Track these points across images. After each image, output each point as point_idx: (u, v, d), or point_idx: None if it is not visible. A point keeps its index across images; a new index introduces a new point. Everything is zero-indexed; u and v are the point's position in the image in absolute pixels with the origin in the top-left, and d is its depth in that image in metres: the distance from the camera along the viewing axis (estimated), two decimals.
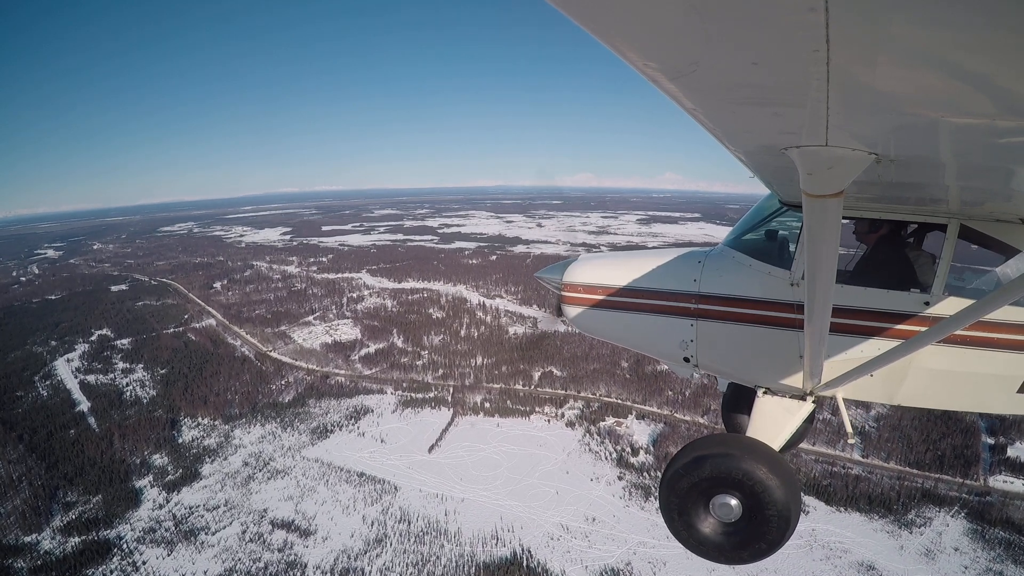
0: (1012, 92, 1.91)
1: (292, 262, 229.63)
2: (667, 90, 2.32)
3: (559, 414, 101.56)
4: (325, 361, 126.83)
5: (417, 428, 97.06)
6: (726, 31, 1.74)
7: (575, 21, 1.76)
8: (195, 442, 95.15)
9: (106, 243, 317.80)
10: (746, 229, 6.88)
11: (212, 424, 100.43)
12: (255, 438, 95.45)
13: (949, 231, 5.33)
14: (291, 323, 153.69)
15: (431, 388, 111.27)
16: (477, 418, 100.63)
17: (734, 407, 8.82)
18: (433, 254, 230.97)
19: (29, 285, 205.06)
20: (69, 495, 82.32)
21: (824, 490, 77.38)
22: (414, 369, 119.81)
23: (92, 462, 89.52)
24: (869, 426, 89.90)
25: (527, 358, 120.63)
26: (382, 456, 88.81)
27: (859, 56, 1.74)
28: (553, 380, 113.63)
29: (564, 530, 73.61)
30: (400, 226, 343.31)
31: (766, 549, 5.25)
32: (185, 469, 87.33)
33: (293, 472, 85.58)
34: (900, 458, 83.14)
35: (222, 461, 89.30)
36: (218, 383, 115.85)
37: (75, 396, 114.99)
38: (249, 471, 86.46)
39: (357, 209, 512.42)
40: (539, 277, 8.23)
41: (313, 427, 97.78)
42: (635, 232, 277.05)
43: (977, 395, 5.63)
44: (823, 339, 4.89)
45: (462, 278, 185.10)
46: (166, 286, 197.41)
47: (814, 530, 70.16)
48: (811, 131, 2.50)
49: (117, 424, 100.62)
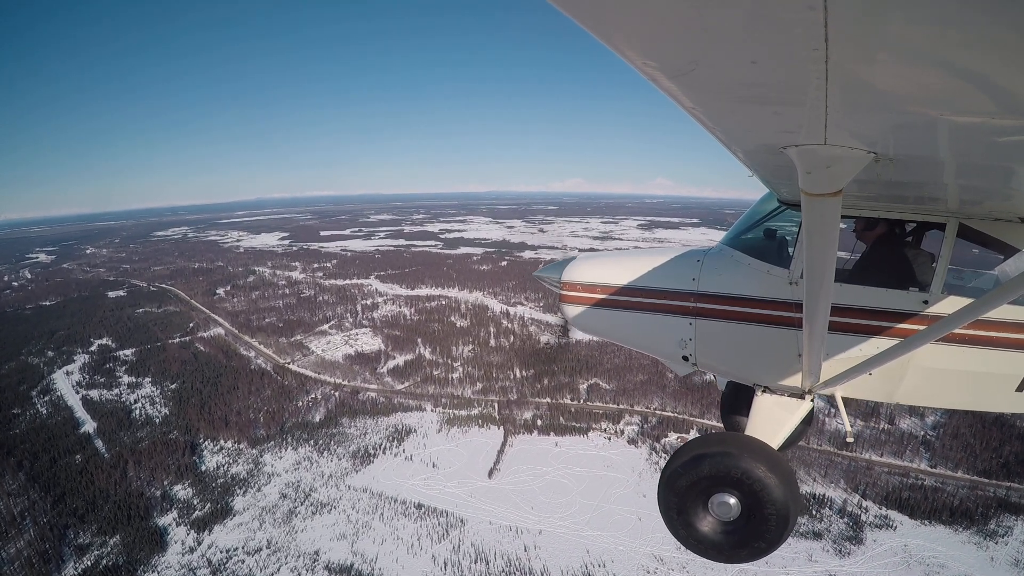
0: (1011, 91, 1.87)
1: (295, 268, 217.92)
2: (666, 89, 2.25)
3: (618, 430, 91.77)
4: (351, 374, 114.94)
5: (469, 450, 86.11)
6: (725, 30, 1.70)
7: (575, 20, 1.72)
8: (221, 470, 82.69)
9: (99, 247, 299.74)
10: (745, 228, 6.63)
11: (237, 448, 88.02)
12: (289, 464, 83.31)
13: (948, 230, 5.17)
14: (306, 332, 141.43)
15: (473, 404, 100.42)
16: (531, 437, 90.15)
17: (733, 406, 8.41)
18: (440, 260, 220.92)
19: (21, 290, 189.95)
20: (81, 536, 69.59)
21: (905, 503, 72.60)
22: (450, 383, 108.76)
23: (105, 495, 76.71)
24: (929, 435, 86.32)
25: (568, 369, 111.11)
26: (437, 483, 77.65)
27: (858, 54, 1.70)
28: (602, 393, 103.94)
29: (659, 561, 64.16)
30: (400, 231, 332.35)
31: (765, 548, 5.08)
32: (214, 503, 74.88)
33: (340, 505, 73.79)
34: (968, 467, 79.13)
35: (255, 492, 77.05)
36: (237, 400, 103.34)
37: (78, 414, 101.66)
38: (289, 504, 74.37)
39: (353, 214, 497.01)
40: (538, 276, 8.06)
41: (352, 450, 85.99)
42: (639, 237, 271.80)
43: (976, 394, 5.46)
44: (822, 338, 4.77)
45: (477, 284, 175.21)
46: (166, 292, 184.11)
47: (906, 546, 66.09)
48: (810, 130, 2.44)
49: (129, 448, 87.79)
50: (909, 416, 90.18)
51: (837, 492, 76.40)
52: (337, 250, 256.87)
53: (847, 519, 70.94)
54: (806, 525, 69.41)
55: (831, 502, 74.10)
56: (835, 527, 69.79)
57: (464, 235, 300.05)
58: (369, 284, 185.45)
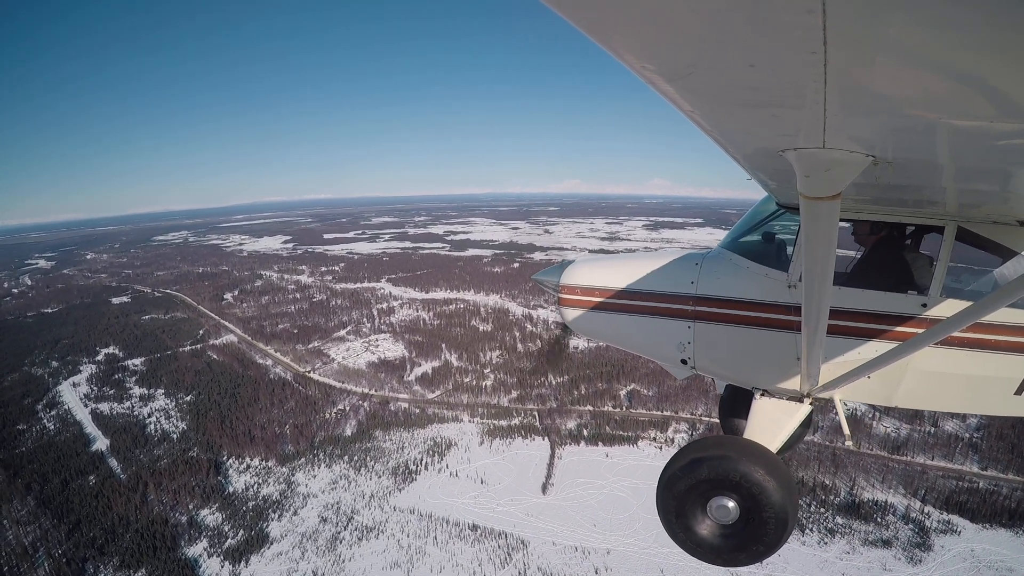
0: (1010, 94, 1.84)
1: (303, 271, 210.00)
2: (664, 92, 2.22)
3: (668, 439, 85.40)
4: (377, 383, 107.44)
5: (516, 463, 79.09)
6: (723, 33, 1.69)
7: (573, 24, 1.70)
8: (250, 491, 74.95)
9: (99, 253, 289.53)
10: (743, 231, 6.48)
11: (265, 466, 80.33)
12: (324, 484, 75.70)
13: (946, 233, 5.10)
14: (323, 339, 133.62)
15: (512, 413, 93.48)
16: (579, 448, 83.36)
17: (732, 409, 8.12)
18: (450, 262, 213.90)
19: (22, 297, 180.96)
20: (102, 570, 61.93)
21: (965, 507, 69.67)
22: (483, 391, 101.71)
23: (125, 522, 68.91)
24: (974, 437, 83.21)
25: (604, 375, 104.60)
26: (489, 501, 70.56)
27: (856, 58, 1.68)
28: (644, 400, 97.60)
29: None
30: (404, 233, 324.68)
31: (764, 551, 4.98)
32: (247, 529, 67.21)
33: (388, 528, 66.37)
34: (1017, 468, 76.23)
35: (292, 517, 69.43)
36: (258, 412, 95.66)
37: (88, 430, 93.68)
38: (331, 529, 66.85)
39: (353, 217, 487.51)
40: (536, 280, 7.75)
41: (392, 467, 78.61)
42: (646, 238, 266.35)
43: (975, 397, 5.39)
44: (820, 341, 4.70)
45: (492, 287, 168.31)
46: (172, 298, 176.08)
47: (973, 550, 63.44)
48: (808, 133, 2.41)
49: (147, 468, 79.94)
50: (951, 418, 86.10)
51: (897, 498, 72.82)
52: (343, 253, 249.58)
53: (912, 525, 67.63)
54: (875, 533, 66.51)
55: (893, 508, 70.67)
56: (902, 534, 66.51)
57: (470, 237, 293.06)
58: (381, 288, 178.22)
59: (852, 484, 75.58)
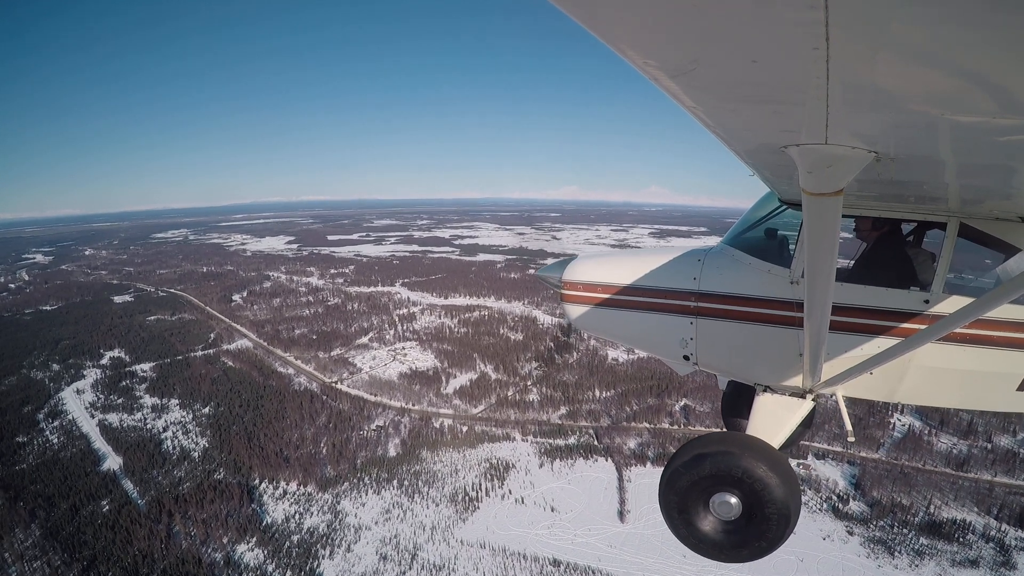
0: (1012, 90, 1.81)
1: (312, 273, 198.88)
2: (667, 88, 2.18)
3: None
4: (413, 396, 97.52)
5: (584, 487, 70.05)
6: (726, 29, 1.66)
7: (576, 20, 1.67)
8: (292, 522, 64.58)
9: (98, 249, 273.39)
10: (746, 227, 6.25)
11: (304, 492, 70.01)
12: (376, 513, 65.63)
13: (949, 229, 4.93)
14: (345, 346, 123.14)
15: (567, 432, 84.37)
16: (647, 469, 74.45)
17: (734, 405, 7.85)
18: (463, 267, 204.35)
19: (19, 293, 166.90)
20: None
21: None
22: (530, 407, 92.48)
23: (149, 559, 58.40)
24: None
25: (653, 389, 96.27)
26: (564, 531, 61.49)
27: (859, 54, 1.65)
28: (700, 416, 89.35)
29: None
30: (410, 236, 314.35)
31: (766, 547, 4.86)
32: (296, 570, 56.98)
33: (459, 566, 56.79)
34: None
35: (346, 554, 59.29)
36: (288, 429, 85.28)
37: (97, 445, 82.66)
38: (395, 569, 56.93)
39: (355, 219, 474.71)
40: (539, 276, 7.47)
41: (449, 493, 68.84)
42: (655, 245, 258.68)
43: (977, 393, 5.21)
44: (823, 337, 4.56)
45: (514, 294, 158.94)
46: (177, 298, 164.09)
47: None
48: (811, 129, 2.37)
49: (168, 493, 69.27)
50: (1004, 433, 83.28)
51: (972, 516, 68.87)
52: (351, 255, 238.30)
53: (993, 544, 64.10)
54: (960, 554, 63.38)
55: (972, 527, 66.55)
56: (985, 553, 62.97)
57: (477, 241, 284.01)
58: (397, 292, 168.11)
59: (928, 503, 70.21)
